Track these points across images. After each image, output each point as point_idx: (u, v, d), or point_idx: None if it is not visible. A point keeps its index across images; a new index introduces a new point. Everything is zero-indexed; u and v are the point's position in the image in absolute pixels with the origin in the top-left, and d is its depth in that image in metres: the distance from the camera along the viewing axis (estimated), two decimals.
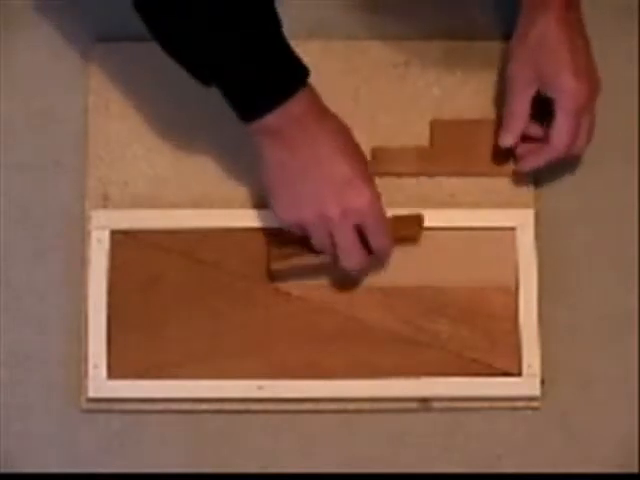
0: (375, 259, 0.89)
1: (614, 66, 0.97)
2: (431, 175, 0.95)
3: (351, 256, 0.87)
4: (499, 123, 0.93)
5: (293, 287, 0.93)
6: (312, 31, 0.85)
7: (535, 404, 0.93)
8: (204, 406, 0.93)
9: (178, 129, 0.95)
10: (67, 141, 0.96)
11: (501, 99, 0.94)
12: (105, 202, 0.94)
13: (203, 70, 0.82)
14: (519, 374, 0.92)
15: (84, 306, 0.93)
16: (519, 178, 0.94)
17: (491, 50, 0.96)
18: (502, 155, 0.94)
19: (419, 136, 0.96)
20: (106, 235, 0.93)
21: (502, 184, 0.95)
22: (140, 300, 0.93)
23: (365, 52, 0.97)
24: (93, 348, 0.92)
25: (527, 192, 0.95)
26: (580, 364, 0.94)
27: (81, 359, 0.92)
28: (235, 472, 0.93)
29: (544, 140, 0.91)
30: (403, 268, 0.93)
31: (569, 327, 0.94)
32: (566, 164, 0.95)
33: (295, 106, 0.82)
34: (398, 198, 0.94)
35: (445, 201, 0.95)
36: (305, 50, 0.83)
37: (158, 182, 0.95)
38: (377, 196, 0.86)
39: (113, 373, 0.92)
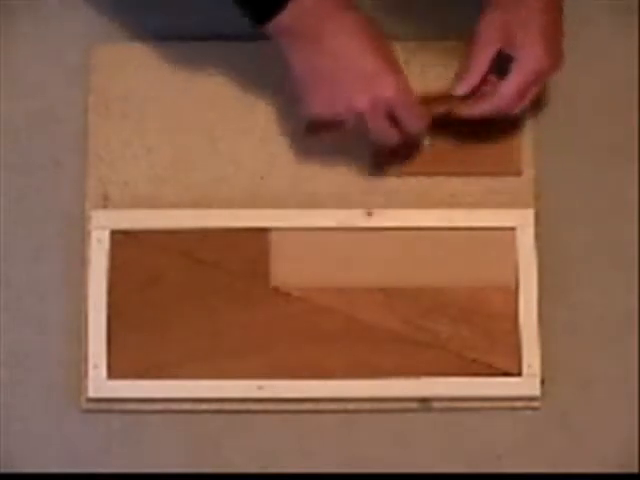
0: (410, 140, 0.90)
1: (614, 66, 0.97)
2: (431, 175, 0.95)
3: (385, 140, 0.88)
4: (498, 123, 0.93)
5: (293, 287, 0.93)
6: None
7: (535, 404, 0.93)
8: (204, 406, 0.93)
9: (178, 129, 0.95)
10: (67, 141, 0.96)
11: None
12: (105, 202, 0.94)
13: None
14: (519, 374, 0.92)
15: (84, 306, 0.93)
16: (519, 178, 0.95)
17: None
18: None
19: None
20: (106, 235, 0.93)
21: (502, 184, 0.95)
22: (140, 300, 0.93)
23: None
24: (93, 348, 0.92)
25: (527, 192, 0.95)
26: (580, 364, 0.94)
27: (81, 359, 0.92)
28: (235, 472, 0.93)
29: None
30: (403, 268, 0.93)
31: (569, 327, 0.94)
32: (565, 163, 0.95)
33: None
34: (398, 198, 0.94)
35: (445, 201, 0.95)
36: None
37: (158, 182, 0.95)
38: (405, 82, 0.86)
39: (113, 373, 0.92)
